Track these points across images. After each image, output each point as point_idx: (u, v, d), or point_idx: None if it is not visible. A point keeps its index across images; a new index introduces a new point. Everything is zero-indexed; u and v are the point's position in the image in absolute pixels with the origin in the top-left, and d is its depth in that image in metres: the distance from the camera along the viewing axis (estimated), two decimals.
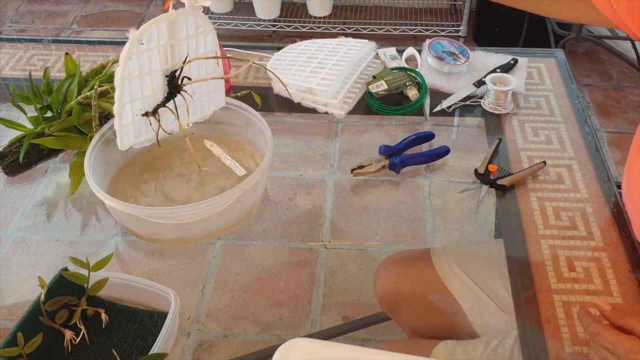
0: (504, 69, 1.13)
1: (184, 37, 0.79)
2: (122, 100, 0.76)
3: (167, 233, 0.87)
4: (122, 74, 0.74)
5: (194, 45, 0.81)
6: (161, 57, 0.78)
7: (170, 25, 0.76)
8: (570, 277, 0.79)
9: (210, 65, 0.84)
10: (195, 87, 0.84)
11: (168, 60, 0.79)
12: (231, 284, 0.96)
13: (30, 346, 0.72)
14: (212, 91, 0.87)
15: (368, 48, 1.17)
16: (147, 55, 0.76)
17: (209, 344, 0.91)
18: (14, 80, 1.18)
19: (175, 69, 0.79)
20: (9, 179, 1.01)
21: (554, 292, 0.77)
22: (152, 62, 0.77)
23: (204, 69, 0.84)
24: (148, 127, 0.81)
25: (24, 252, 0.92)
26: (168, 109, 0.80)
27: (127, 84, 0.76)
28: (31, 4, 3.04)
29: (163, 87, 0.80)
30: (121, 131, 0.79)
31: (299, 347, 0.63)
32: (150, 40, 0.75)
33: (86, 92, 0.95)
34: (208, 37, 0.82)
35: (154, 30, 0.75)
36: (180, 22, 0.78)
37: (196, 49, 0.82)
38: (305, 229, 1.00)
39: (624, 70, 2.51)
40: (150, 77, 0.77)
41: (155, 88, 0.79)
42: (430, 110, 1.09)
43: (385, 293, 0.96)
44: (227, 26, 2.64)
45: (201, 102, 0.87)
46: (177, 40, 0.79)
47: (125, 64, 0.74)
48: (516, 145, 1.00)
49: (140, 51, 0.75)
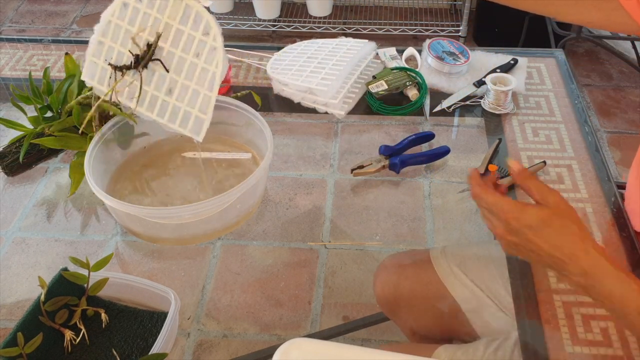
0: (504, 69, 1.13)
1: (184, 29, 0.73)
2: (101, 34, 0.73)
3: (167, 233, 0.87)
4: (112, 11, 0.72)
5: (190, 46, 0.75)
6: (152, 26, 0.74)
7: (176, 6, 0.73)
8: None
9: (205, 80, 0.74)
10: (179, 91, 0.76)
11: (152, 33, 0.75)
12: (231, 284, 0.96)
13: (30, 346, 0.72)
14: (197, 111, 0.77)
15: (368, 48, 1.17)
16: (141, 15, 0.73)
17: (209, 344, 0.91)
18: (14, 80, 1.18)
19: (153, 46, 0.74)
20: (9, 179, 1.01)
21: (554, 292, 0.77)
22: (142, 24, 0.74)
23: (195, 77, 0.76)
24: (108, 80, 0.77)
25: (24, 252, 0.92)
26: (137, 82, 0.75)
27: (112, 25, 0.73)
28: (31, 4, 3.04)
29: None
30: (87, 64, 0.77)
31: (299, 347, 0.63)
32: (150, 5, 0.73)
33: (86, 92, 0.95)
34: (216, 53, 0.73)
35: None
36: (187, 13, 0.73)
37: (192, 51, 0.75)
38: (305, 229, 1.00)
39: (624, 70, 2.51)
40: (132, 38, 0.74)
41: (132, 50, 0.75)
42: (430, 111, 1.09)
43: (385, 294, 0.96)
44: (227, 26, 2.64)
45: (183, 111, 0.78)
46: (175, 24, 0.74)
47: (118, 4, 0.72)
48: (516, 145, 1.00)
49: (137, 7, 0.72)
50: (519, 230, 0.62)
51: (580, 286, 0.61)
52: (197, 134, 0.75)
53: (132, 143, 0.99)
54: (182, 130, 0.76)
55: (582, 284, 0.60)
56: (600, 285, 0.59)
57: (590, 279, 0.59)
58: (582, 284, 0.60)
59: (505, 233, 0.64)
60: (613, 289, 0.58)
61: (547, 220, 0.61)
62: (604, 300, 0.60)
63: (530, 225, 0.61)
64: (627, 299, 0.58)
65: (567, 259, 0.60)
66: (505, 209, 0.63)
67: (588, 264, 0.59)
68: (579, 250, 0.60)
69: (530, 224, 0.61)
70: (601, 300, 0.60)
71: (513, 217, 0.62)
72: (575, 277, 0.60)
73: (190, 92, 0.75)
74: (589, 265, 0.59)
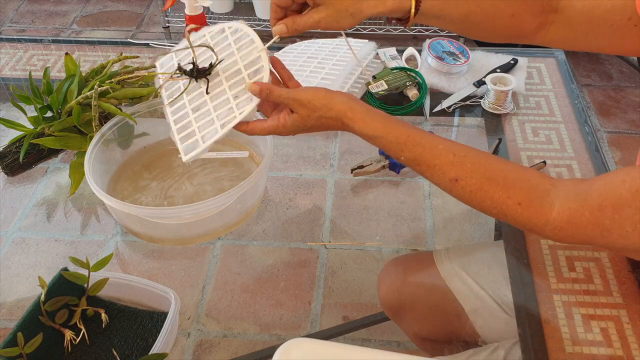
0: (504, 69, 1.13)
1: (244, 73, 0.78)
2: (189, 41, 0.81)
3: (167, 233, 0.87)
4: (209, 32, 0.82)
5: (236, 87, 0.77)
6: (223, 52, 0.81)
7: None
8: (570, 277, 0.79)
9: (225, 117, 0.76)
10: (202, 113, 0.78)
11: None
12: (231, 284, 0.96)
13: (30, 346, 0.72)
14: (200, 136, 0.78)
15: (368, 48, 1.17)
16: (224, 42, 0.82)
17: (209, 344, 0.91)
18: (14, 80, 1.18)
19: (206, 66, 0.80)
20: (9, 179, 1.01)
21: (554, 292, 0.77)
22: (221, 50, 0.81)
23: (220, 110, 0.77)
24: (172, 74, 0.82)
25: (24, 252, 0.92)
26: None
27: (204, 39, 0.83)
28: (31, 4, 3.04)
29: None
30: (166, 57, 0.85)
31: (299, 347, 0.63)
32: (236, 40, 0.82)
33: (86, 92, 0.95)
34: (249, 104, 0.76)
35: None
36: (254, 63, 0.78)
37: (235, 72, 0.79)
38: (305, 229, 1.00)
39: (624, 70, 2.51)
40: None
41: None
42: (430, 110, 1.09)
43: (389, 298, 0.96)
44: None
45: (192, 130, 0.79)
46: (242, 65, 0.79)
47: (216, 29, 0.83)
48: (516, 145, 1.00)
49: (228, 37, 0.81)
50: (296, 132, 0.76)
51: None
52: (185, 153, 0.76)
53: (132, 143, 0.99)
54: (178, 143, 0.78)
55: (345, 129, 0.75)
56: (368, 141, 0.73)
57: (350, 129, 0.73)
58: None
59: (292, 134, 0.77)
60: (374, 143, 0.72)
61: (304, 122, 0.74)
62: (365, 139, 0.73)
63: (298, 130, 0.75)
64: (388, 149, 0.72)
65: (339, 130, 0.75)
66: (274, 130, 0.75)
67: (354, 133, 0.73)
68: (342, 129, 0.74)
69: (296, 129, 0.75)
70: (363, 139, 0.73)
71: (284, 131, 0.75)
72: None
73: (208, 119, 0.77)
74: (355, 133, 0.73)
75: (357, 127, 0.72)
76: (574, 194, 0.63)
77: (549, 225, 0.64)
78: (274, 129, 0.75)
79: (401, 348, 1.03)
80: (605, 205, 0.60)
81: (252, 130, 0.77)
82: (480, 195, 0.67)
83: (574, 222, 0.63)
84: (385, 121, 0.72)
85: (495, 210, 0.67)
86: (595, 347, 0.71)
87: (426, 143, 0.70)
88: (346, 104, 0.72)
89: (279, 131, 0.75)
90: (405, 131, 0.71)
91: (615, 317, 0.74)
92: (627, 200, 0.58)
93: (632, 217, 0.58)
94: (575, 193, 0.63)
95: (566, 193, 0.64)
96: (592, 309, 0.75)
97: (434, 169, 0.69)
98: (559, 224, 0.64)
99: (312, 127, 0.75)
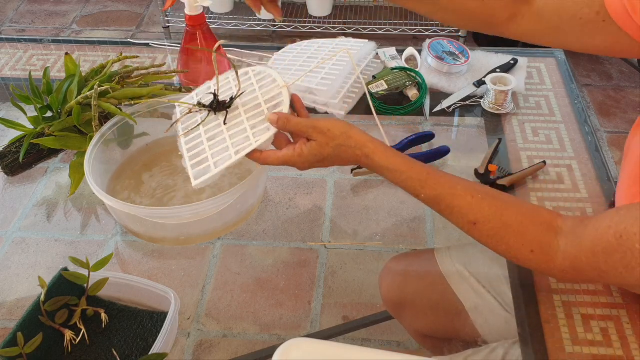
0: (504, 69, 1.13)
1: (264, 108, 0.79)
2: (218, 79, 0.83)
3: (167, 233, 0.87)
4: (242, 73, 0.83)
5: (255, 120, 0.78)
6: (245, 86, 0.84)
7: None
8: None
9: (240, 144, 0.77)
10: (217, 141, 0.79)
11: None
12: (231, 284, 0.96)
13: (30, 346, 0.72)
14: (213, 161, 0.78)
15: (368, 48, 1.16)
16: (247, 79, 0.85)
17: (209, 344, 0.91)
18: (14, 80, 1.18)
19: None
20: (9, 179, 1.01)
21: (554, 292, 0.77)
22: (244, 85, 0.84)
23: (236, 139, 0.78)
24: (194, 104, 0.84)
25: (24, 252, 0.92)
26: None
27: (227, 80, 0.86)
28: (31, 4, 3.04)
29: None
30: (194, 93, 0.87)
31: (299, 347, 0.63)
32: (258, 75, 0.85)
33: (86, 92, 0.95)
34: (265, 134, 0.76)
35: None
36: (275, 99, 0.80)
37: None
38: (305, 229, 1.00)
39: (624, 70, 2.51)
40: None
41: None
42: (430, 110, 1.09)
43: (391, 296, 0.96)
44: (227, 26, 2.64)
45: (205, 156, 0.79)
46: (262, 100, 0.81)
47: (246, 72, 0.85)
48: (516, 145, 1.00)
49: (250, 75, 0.84)
50: (312, 165, 0.75)
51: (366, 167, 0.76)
52: (196, 178, 0.76)
53: (132, 143, 0.99)
54: (189, 169, 0.78)
55: (366, 165, 0.75)
56: (386, 177, 0.74)
57: (378, 173, 0.74)
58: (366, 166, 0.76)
59: (306, 169, 0.76)
60: (393, 178, 0.73)
61: (321, 152, 0.73)
62: (383, 172, 0.74)
63: (314, 161, 0.74)
64: (407, 186, 0.73)
65: (357, 163, 0.75)
66: (288, 160, 0.75)
67: (373, 168, 0.74)
68: (360, 161, 0.74)
69: (312, 160, 0.74)
70: (381, 172, 0.75)
71: (299, 162, 0.74)
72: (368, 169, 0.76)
73: (222, 147, 0.78)
74: (373, 168, 0.74)
75: (377, 159, 0.73)
76: (572, 240, 0.65)
77: (556, 270, 0.67)
78: (289, 158, 0.75)
79: (401, 348, 1.03)
80: (598, 252, 0.62)
81: (265, 159, 0.76)
82: (497, 240, 0.69)
83: (576, 267, 0.65)
84: (405, 158, 0.73)
85: (509, 255, 0.70)
86: (595, 347, 0.71)
87: (445, 182, 0.72)
88: (366, 135, 0.74)
89: (294, 160, 0.75)
90: (425, 169, 0.72)
91: (615, 317, 0.74)
92: (614, 246, 0.60)
93: (622, 261, 0.60)
94: (573, 239, 0.65)
95: (566, 237, 0.66)
96: (592, 309, 0.75)
97: (453, 210, 0.71)
98: (565, 269, 0.66)
99: (328, 157, 0.74)
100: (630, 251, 0.59)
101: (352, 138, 0.73)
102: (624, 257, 0.59)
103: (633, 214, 0.60)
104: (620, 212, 0.62)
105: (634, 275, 0.60)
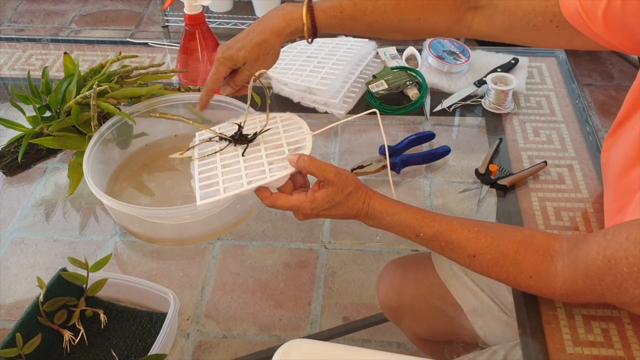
0: (505, 69, 1.13)
1: (285, 148, 0.80)
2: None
3: (167, 233, 0.87)
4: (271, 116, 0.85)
5: (275, 157, 0.79)
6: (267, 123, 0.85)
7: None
8: None
9: (254, 176, 0.76)
10: (232, 169, 0.79)
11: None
12: (231, 284, 0.95)
13: (29, 347, 0.72)
14: (222, 186, 0.77)
15: (368, 47, 1.16)
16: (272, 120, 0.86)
17: (208, 344, 0.91)
18: (13, 80, 1.18)
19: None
20: (8, 179, 1.01)
21: None
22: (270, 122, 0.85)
23: (252, 170, 0.78)
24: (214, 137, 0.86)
25: (23, 253, 0.92)
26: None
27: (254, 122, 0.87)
28: (30, 3, 3.03)
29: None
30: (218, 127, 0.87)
31: (299, 348, 0.63)
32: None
33: (85, 92, 0.94)
34: (282, 172, 0.76)
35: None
36: (297, 139, 0.81)
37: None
38: (305, 229, 1.00)
39: (625, 69, 2.51)
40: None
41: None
42: (431, 110, 1.09)
43: (388, 300, 0.96)
44: (226, 26, 2.64)
45: (216, 181, 0.79)
46: (283, 138, 0.82)
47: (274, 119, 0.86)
48: (517, 145, 1.00)
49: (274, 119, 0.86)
50: (317, 213, 0.76)
51: (370, 225, 0.78)
52: (201, 198, 0.76)
53: (130, 143, 0.99)
54: (197, 188, 0.78)
55: (370, 224, 0.77)
56: (384, 222, 0.76)
57: (376, 221, 0.76)
58: (371, 225, 0.77)
59: (308, 217, 0.77)
60: (392, 221, 0.75)
61: (333, 197, 0.74)
62: (390, 229, 0.76)
63: (322, 208, 0.74)
64: (405, 227, 0.75)
65: (355, 216, 0.76)
66: (298, 205, 0.74)
67: (371, 215, 0.75)
68: (362, 210, 0.75)
69: (322, 206, 0.74)
70: (388, 229, 0.76)
71: (308, 208, 0.74)
72: (365, 222, 0.78)
73: (236, 175, 0.78)
74: (372, 215, 0.76)
75: (377, 204, 0.75)
76: (568, 264, 0.67)
77: (556, 293, 0.69)
78: (300, 203, 0.74)
79: (401, 349, 1.03)
80: (591, 275, 0.64)
81: (274, 200, 0.75)
82: (497, 270, 0.71)
83: (574, 290, 0.67)
84: (401, 203, 0.76)
85: (511, 283, 0.72)
86: (596, 347, 0.71)
87: (442, 219, 0.74)
88: (368, 187, 0.76)
89: (303, 206, 0.74)
90: (420, 210, 0.75)
91: (616, 318, 0.74)
92: (604, 270, 0.63)
93: (614, 283, 0.62)
94: (568, 263, 0.67)
95: (563, 261, 0.68)
96: (593, 310, 0.75)
97: (453, 244, 0.73)
98: (565, 292, 0.68)
99: (337, 205, 0.75)
100: (620, 274, 0.61)
101: (361, 187, 0.75)
102: (615, 280, 0.62)
103: (617, 239, 0.62)
104: (607, 236, 0.64)
105: (627, 295, 0.62)
